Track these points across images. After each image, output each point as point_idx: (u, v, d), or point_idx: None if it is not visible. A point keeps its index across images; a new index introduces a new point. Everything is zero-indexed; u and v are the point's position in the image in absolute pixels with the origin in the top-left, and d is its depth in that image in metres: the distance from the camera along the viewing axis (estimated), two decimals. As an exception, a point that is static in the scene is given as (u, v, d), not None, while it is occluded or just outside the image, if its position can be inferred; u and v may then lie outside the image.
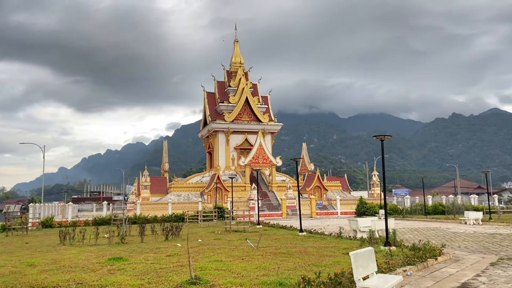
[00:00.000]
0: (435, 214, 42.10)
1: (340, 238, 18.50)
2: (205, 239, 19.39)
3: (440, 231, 23.66)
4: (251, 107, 60.61)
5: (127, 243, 17.51)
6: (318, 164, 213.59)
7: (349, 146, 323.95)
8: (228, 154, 59.09)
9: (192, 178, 59.89)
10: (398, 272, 9.89)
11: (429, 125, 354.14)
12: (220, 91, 63.51)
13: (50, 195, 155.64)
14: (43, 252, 15.40)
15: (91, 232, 20.85)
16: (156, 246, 16.07)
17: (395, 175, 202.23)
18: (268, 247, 15.10)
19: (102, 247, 16.42)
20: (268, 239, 18.38)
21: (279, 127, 62.77)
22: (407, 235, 21.75)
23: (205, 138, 65.37)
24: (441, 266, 11.81)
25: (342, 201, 47.14)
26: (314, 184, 52.46)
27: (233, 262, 11.70)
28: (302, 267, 10.58)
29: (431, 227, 26.90)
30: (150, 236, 19.36)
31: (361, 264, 7.10)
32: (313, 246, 15.37)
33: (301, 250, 14.03)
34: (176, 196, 49.87)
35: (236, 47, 65.53)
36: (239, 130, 59.72)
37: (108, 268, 11.11)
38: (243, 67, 63.69)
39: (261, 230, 23.86)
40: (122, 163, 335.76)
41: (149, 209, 41.79)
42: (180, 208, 41.15)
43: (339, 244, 15.78)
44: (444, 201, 50.67)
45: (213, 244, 16.84)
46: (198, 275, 9.56)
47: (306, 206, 46.94)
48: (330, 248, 14.69)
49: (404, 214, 40.81)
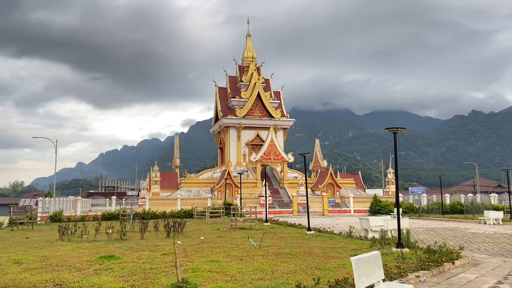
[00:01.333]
0: (453, 214, 40.63)
1: (350, 238, 17.49)
2: (208, 236, 18.59)
3: (458, 232, 22.41)
4: (263, 103, 59.64)
5: (127, 240, 16.82)
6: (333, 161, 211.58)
7: (365, 143, 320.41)
8: (239, 150, 58.28)
9: (203, 173, 59.31)
10: (409, 278, 8.88)
11: (447, 122, 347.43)
12: (232, 86, 62.68)
13: (68, 190, 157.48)
14: (38, 248, 14.79)
15: (94, 228, 20.30)
16: (154, 244, 15.31)
17: (412, 173, 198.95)
18: (271, 247, 14.19)
19: (100, 243, 15.74)
20: (273, 238, 17.47)
21: (291, 123, 61.66)
22: (422, 235, 20.59)
23: (216, 133, 64.68)
24: (458, 271, 10.74)
25: (355, 199, 45.88)
26: (327, 181, 51.27)
27: (230, 262, 10.84)
28: (303, 270, 9.64)
29: (448, 227, 25.63)
30: (153, 233, 18.62)
31: (364, 271, 6.14)
32: (319, 246, 14.41)
33: (305, 251, 13.08)
34: (186, 192, 49.29)
35: (248, 41, 64.55)
36: (251, 126, 58.84)
37: (96, 267, 10.36)
38: (255, 62, 62.70)
39: (268, 228, 22.97)
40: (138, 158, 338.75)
41: (158, 204, 41.24)
42: (189, 204, 40.50)
43: (348, 245, 14.78)
44: (463, 200, 49.00)
45: (214, 242, 16.01)
46: (188, 277, 8.72)
47: (317, 203, 45.85)
48: (337, 249, 13.71)
49: (420, 213, 39.42)
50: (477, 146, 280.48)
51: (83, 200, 43.72)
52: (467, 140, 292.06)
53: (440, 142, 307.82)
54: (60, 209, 36.31)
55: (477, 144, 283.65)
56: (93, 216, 36.28)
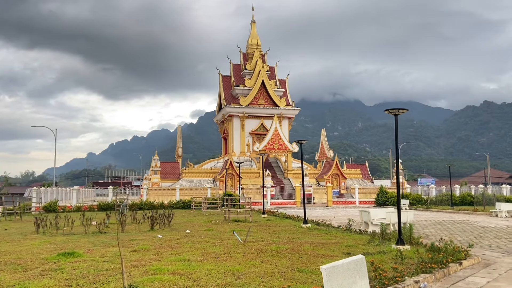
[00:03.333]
0: (462, 205, 38.91)
1: (349, 231, 16.04)
2: (195, 229, 17.26)
3: (468, 225, 20.81)
4: (268, 91, 58.03)
5: (105, 233, 15.54)
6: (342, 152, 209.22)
7: (374, 134, 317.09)
8: (243, 140, 56.90)
9: (206, 163, 58.07)
10: (407, 284, 7.41)
11: (459, 113, 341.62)
12: (235, 74, 61.10)
13: (78, 179, 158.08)
14: (5, 242, 13.58)
15: (81, 218, 19.13)
16: (132, 238, 13.99)
17: (422, 164, 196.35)
18: (257, 242, 12.79)
19: (73, 237, 14.48)
20: (264, 232, 16.09)
21: (297, 112, 60.02)
22: (428, 229, 19.05)
23: (220, 123, 63.32)
24: (466, 273, 9.24)
25: (360, 190, 44.29)
26: (332, 172, 49.73)
27: (203, 262, 9.46)
28: (282, 273, 8.22)
29: (457, 220, 24.02)
30: (136, 225, 17.29)
31: (340, 284, 4.68)
32: (311, 241, 12.98)
33: (294, 247, 11.66)
34: (187, 182, 48.13)
35: (253, 28, 62.76)
36: (255, 115, 57.35)
37: (47, 266, 9.05)
38: (260, 49, 60.97)
39: (263, 221, 21.58)
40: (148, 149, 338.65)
41: (157, 195, 40.11)
42: (189, 194, 39.28)
43: (344, 240, 13.34)
44: (473, 191, 47.13)
45: (198, 236, 14.66)
46: (142, 282, 7.37)
47: (322, 194, 44.38)
48: (330, 245, 12.27)
49: (428, 205, 37.76)
50: (489, 137, 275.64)
51: (80, 190, 42.72)
52: (479, 131, 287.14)
53: (451, 133, 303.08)
54: (55, 199, 35.29)
55: (489, 135, 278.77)
56: (89, 207, 35.30)
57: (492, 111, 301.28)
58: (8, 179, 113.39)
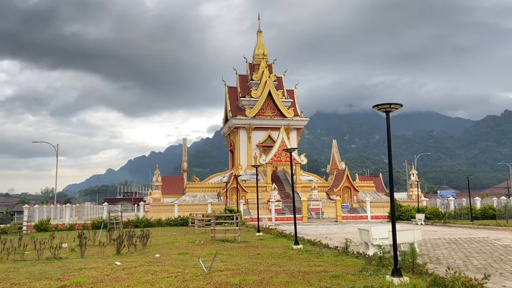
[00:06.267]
0: (484, 219, 35.86)
1: (345, 254, 13.71)
2: (169, 252, 15.12)
3: (487, 244, 18.15)
4: (275, 101, 56.03)
5: (60, 259, 13.54)
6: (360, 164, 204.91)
7: (393, 146, 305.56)
8: (250, 152, 54.79)
9: (213, 178, 56.08)
10: None
11: (479, 123, 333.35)
12: (242, 85, 59.39)
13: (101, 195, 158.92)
14: None
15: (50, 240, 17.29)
16: (83, 266, 11.91)
17: (442, 176, 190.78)
18: (225, 271, 10.57)
19: (20, 264, 12.52)
20: (244, 256, 13.84)
21: (305, 123, 57.76)
22: (440, 250, 16.49)
23: (227, 135, 61.51)
24: (479, 319, 6.87)
25: (372, 204, 41.54)
26: (343, 184, 47.14)
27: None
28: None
29: (476, 238, 21.30)
30: (101, 248, 15.21)
31: None
32: (291, 270, 10.70)
33: (264, 279, 9.42)
34: (191, 197, 46.16)
35: (259, 38, 61.19)
36: (262, 126, 55.30)
37: None
38: (266, 59, 59.18)
39: (254, 240, 19.30)
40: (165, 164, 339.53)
41: (157, 211, 38.22)
42: (189, 210, 37.25)
43: (333, 267, 11.02)
44: (495, 204, 43.94)
45: (163, 262, 12.50)
46: None
47: (331, 209, 41.86)
48: (313, 274, 9.98)
49: (445, 220, 34.82)
50: (511, 147, 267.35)
51: (73, 208, 41.08)
52: (501, 141, 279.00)
53: (472, 143, 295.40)
54: (47, 217, 33.69)
55: (511, 145, 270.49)
56: (82, 225, 33.56)
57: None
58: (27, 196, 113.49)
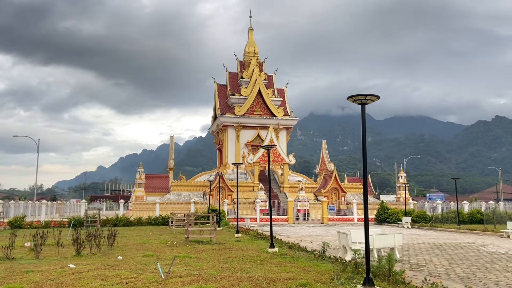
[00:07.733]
0: (471, 223, 35.33)
1: (321, 259, 12.88)
2: (136, 254, 14.17)
3: (472, 250, 17.41)
4: (264, 100, 55.19)
5: (13, 259, 12.55)
6: (352, 166, 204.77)
7: (384, 149, 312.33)
8: (238, 151, 53.88)
9: (199, 176, 55.08)
10: None
11: (470, 128, 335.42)
12: (232, 83, 58.46)
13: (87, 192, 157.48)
14: None
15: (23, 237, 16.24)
16: (32, 268, 10.92)
17: (432, 179, 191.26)
18: (184, 277, 9.66)
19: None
20: (213, 259, 12.94)
21: (295, 122, 57.00)
22: (422, 255, 15.71)
23: (215, 134, 60.55)
24: None
25: (359, 205, 40.84)
26: (331, 185, 46.42)
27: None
28: None
29: (461, 243, 20.57)
30: (60, 248, 14.18)
31: None
32: (257, 277, 9.80)
33: (224, 287, 8.53)
34: (175, 196, 45.16)
35: (250, 35, 60.27)
36: (251, 125, 54.42)
37: None
38: (257, 57, 58.34)
39: (231, 242, 18.41)
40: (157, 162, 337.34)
41: (137, 209, 37.19)
42: (171, 209, 36.25)
43: (303, 274, 10.16)
44: (483, 208, 43.44)
45: (122, 266, 11.56)
46: None
47: (318, 210, 41.10)
48: (280, 282, 9.11)
49: (432, 223, 34.19)
50: (501, 152, 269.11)
51: (49, 204, 39.86)
52: (491, 146, 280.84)
53: (462, 148, 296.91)
54: (23, 214, 32.52)
55: (501, 150, 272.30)
56: (58, 223, 32.41)
57: (504, 126, 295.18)
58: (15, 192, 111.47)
